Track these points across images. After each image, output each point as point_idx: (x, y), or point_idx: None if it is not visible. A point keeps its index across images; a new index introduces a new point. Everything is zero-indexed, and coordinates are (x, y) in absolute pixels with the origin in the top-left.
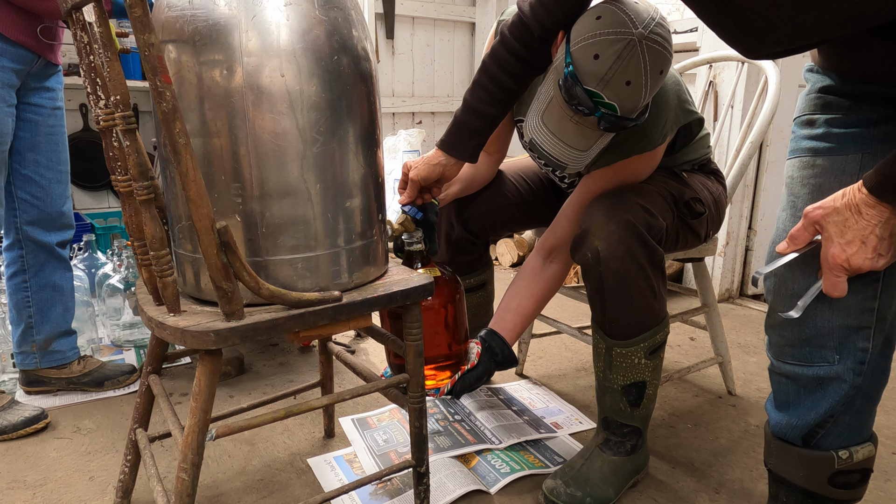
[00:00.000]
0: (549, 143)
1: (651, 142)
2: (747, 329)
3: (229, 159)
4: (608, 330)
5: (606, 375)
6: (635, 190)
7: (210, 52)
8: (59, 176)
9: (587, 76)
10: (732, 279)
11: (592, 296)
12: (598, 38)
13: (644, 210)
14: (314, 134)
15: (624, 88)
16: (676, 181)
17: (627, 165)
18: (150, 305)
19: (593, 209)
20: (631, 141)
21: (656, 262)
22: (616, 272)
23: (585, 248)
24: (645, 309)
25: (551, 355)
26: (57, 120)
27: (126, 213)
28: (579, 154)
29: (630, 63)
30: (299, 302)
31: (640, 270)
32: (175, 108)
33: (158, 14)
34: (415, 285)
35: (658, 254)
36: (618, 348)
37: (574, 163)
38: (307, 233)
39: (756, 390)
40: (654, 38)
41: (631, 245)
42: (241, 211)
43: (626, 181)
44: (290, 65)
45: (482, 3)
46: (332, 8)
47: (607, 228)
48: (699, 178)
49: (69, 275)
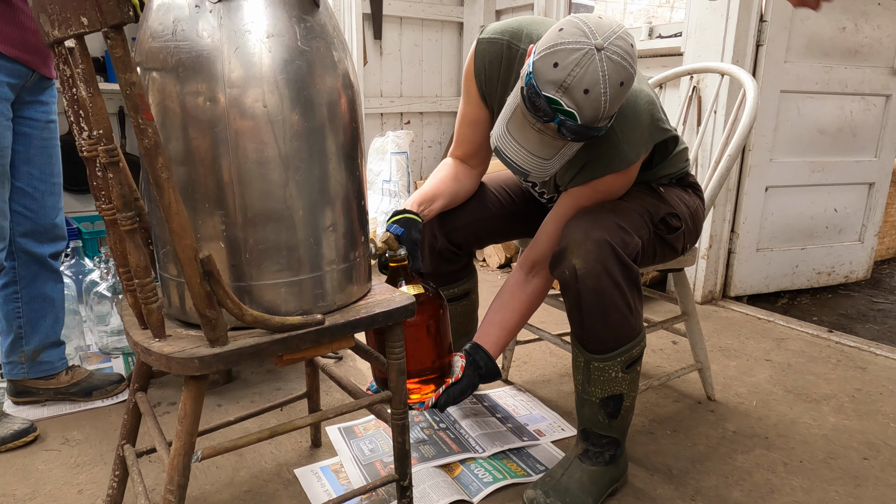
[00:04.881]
0: (513, 151)
1: (624, 160)
2: (729, 332)
3: (213, 187)
4: (586, 344)
5: (585, 388)
6: (612, 208)
7: (193, 83)
8: (52, 188)
9: (546, 84)
10: (716, 281)
11: (571, 311)
12: (558, 48)
13: (620, 229)
14: (296, 161)
15: (582, 96)
16: (653, 197)
17: (602, 183)
18: (136, 329)
19: (571, 227)
20: (605, 159)
21: (632, 279)
22: (593, 289)
23: (563, 266)
24: (621, 324)
25: (536, 360)
26: (51, 133)
27: (111, 240)
28: (542, 162)
29: (588, 71)
30: (282, 326)
31: (617, 287)
32: (157, 144)
33: (142, 44)
34: (397, 306)
35: (633, 271)
36: (596, 362)
37: (537, 171)
38: (290, 258)
39: (735, 395)
40: (614, 49)
41: (607, 263)
42: (225, 237)
43: (602, 198)
44: (273, 95)
45: (470, 2)
46: (314, 38)
47: (584, 247)
48: (676, 193)
49: (60, 286)
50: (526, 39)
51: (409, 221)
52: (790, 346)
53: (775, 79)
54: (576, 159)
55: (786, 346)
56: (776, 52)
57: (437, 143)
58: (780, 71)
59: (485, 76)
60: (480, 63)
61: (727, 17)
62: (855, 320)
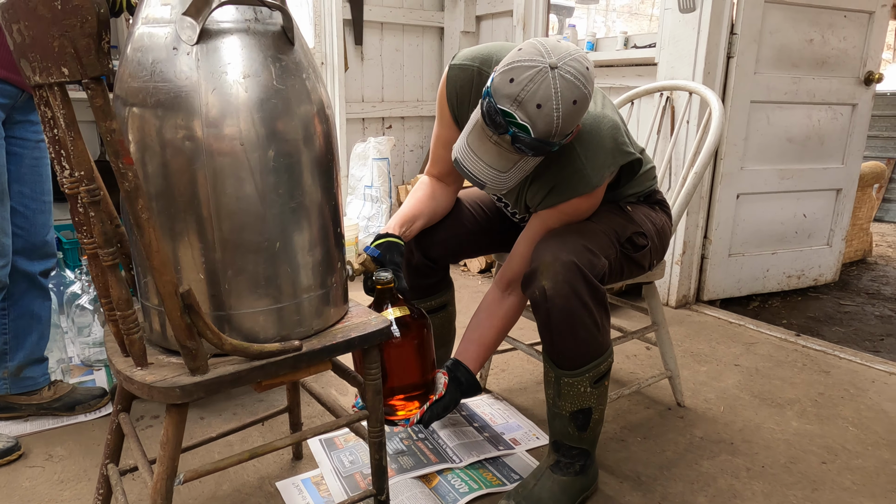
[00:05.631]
0: (471, 162)
1: (589, 184)
2: (700, 337)
3: (192, 221)
4: (556, 361)
5: (556, 402)
6: (579, 230)
7: (172, 122)
8: (43, 206)
9: (502, 98)
10: (690, 286)
11: (541, 329)
12: (515, 65)
13: (587, 250)
14: (273, 195)
15: (535, 111)
16: (620, 216)
17: (569, 206)
18: (118, 356)
19: (541, 249)
20: (570, 183)
21: (599, 298)
22: (562, 308)
23: (534, 286)
24: (589, 342)
25: (513, 368)
26: (41, 152)
27: (92, 271)
28: (498, 174)
29: (541, 87)
30: (260, 354)
31: (584, 307)
32: (138, 187)
33: (122, 81)
34: (372, 330)
35: (600, 291)
36: (565, 377)
37: (493, 182)
38: (269, 287)
39: (703, 401)
40: (567, 69)
41: (575, 284)
42: (204, 269)
43: (569, 220)
44: (249, 133)
45: (450, 8)
46: (289, 75)
47: (553, 269)
48: (643, 211)
49: (48, 304)
50: (496, 65)
51: (390, 245)
52: (759, 351)
53: (746, 89)
54: (543, 183)
55: (755, 351)
56: (746, 63)
57: (418, 147)
58: (750, 82)
59: (456, 100)
60: (452, 88)
61: (699, 30)
62: (822, 323)
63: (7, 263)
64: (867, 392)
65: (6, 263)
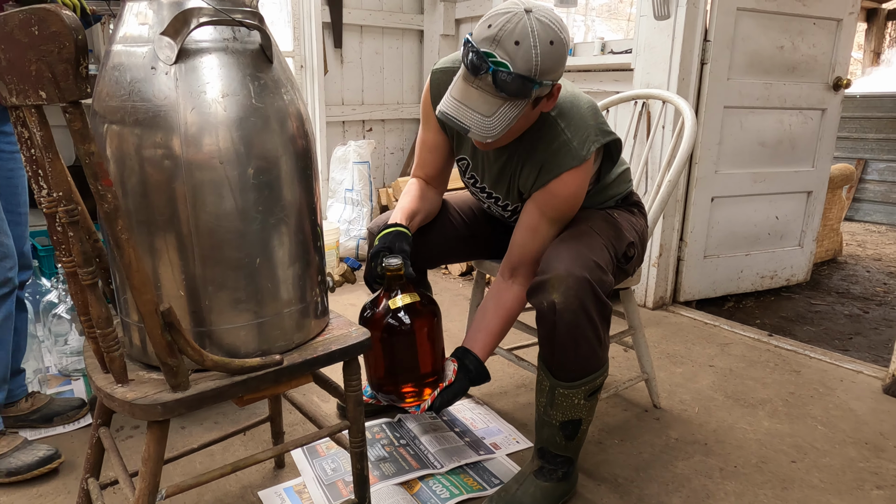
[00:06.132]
0: (454, 109)
1: (576, 156)
2: (677, 338)
3: (172, 239)
4: (554, 371)
5: (547, 411)
6: (589, 245)
7: (151, 141)
8: (19, 218)
9: (481, 41)
10: (666, 288)
11: (544, 339)
12: (491, 14)
13: (598, 267)
14: (253, 212)
15: (514, 47)
16: (614, 229)
17: (560, 184)
18: (98, 373)
19: (553, 261)
20: (558, 157)
21: (605, 315)
22: (569, 323)
23: (542, 297)
24: (590, 356)
25: (494, 372)
26: (16, 163)
27: (71, 289)
28: (482, 119)
29: (517, 27)
30: (242, 369)
31: (590, 322)
32: (117, 208)
33: (100, 98)
34: (353, 342)
35: (608, 308)
36: (561, 388)
37: (478, 128)
38: (250, 302)
39: (679, 402)
40: (541, 13)
41: (585, 300)
42: (185, 286)
43: (563, 202)
44: (228, 152)
45: (430, 11)
46: (268, 93)
47: (566, 283)
48: (627, 218)
49: (24, 315)
50: None
51: (398, 234)
52: (733, 351)
53: (719, 95)
54: (534, 164)
55: (729, 352)
56: (719, 69)
57: (399, 150)
58: (723, 87)
59: (439, 100)
60: (436, 90)
61: (673, 37)
62: (794, 322)
63: (14, 265)
64: (835, 391)
65: (13, 265)
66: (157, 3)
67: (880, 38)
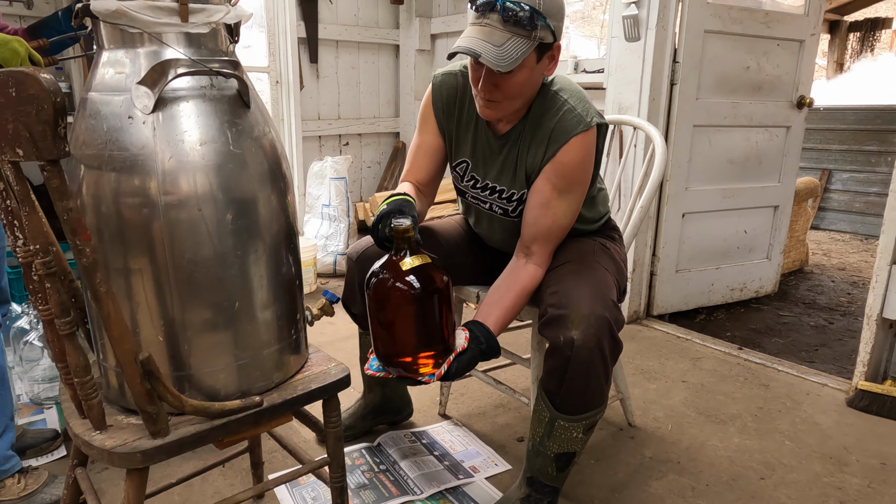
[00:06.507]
0: (466, 41)
1: (582, 121)
2: (651, 353)
3: (151, 286)
4: (557, 404)
5: (543, 441)
6: (604, 282)
7: (128, 190)
8: None
9: None
10: (640, 302)
11: (553, 372)
12: None
13: (615, 306)
14: (232, 257)
15: None
16: (615, 264)
17: (570, 150)
18: (76, 419)
19: (573, 297)
20: (566, 123)
21: (616, 353)
22: (583, 360)
23: (560, 332)
24: (596, 392)
25: (472, 392)
26: None
27: (48, 334)
28: (493, 47)
29: None
30: (222, 412)
31: (603, 361)
32: (95, 262)
33: (77, 146)
34: (333, 380)
35: (620, 347)
36: (562, 421)
37: (488, 52)
38: (229, 345)
39: (653, 420)
40: None
41: (602, 339)
42: (164, 331)
43: (573, 170)
44: (207, 200)
45: (406, 26)
46: (246, 138)
47: (587, 321)
48: (616, 249)
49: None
50: None
51: (405, 201)
52: (705, 366)
53: (688, 114)
54: (541, 135)
55: (701, 366)
56: (688, 90)
57: (376, 164)
58: (692, 107)
59: (442, 103)
60: (438, 94)
61: (644, 58)
62: (763, 334)
63: None
64: (802, 405)
65: None
66: (133, 52)
67: (843, 49)
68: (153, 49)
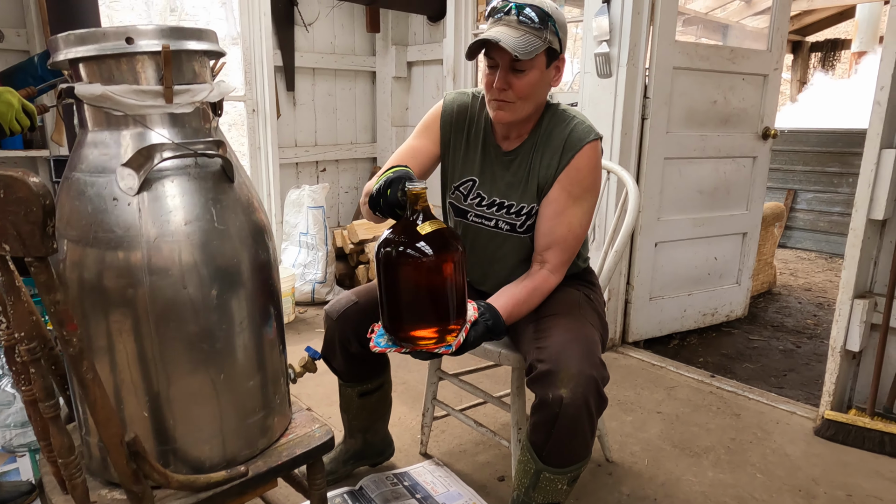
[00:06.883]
0: (486, 34)
1: (591, 130)
2: (627, 382)
3: (136, 364)
4: (544, 457)
5: (528, 493)
6: (592, 340)
7: (114, 271)
8: None
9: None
10: (615, 330)
11: (540, 426)
12: None
13: (601, 364)
14: (217, 332)
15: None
16: (598, 318)
17: (584, 157)
18: (57, 494)
19: (563, 356)
20: (577, 132)
21: (602, 409)
22: (571, 417)
23: (549, 390)
24: (582, 447)
25: (453, 430)
26: None
27: (29, 412)
28: (512, 38)
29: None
30: (207, 485)
31: (590, 417)
32: (81, 350)
33: (61, 227)
34: (316, 444)
35: (606, 403)
36: (547, 473)
37: (509, 41)
38: (214, 417)
39: (630, 455)
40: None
41: (589, 396)
42: (149, 407)
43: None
44: (192, 277)
45: (382, 54)
46: (230, 213)
47: (576, 380)
48: (597, 299)
49: None
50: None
51: (408, 171)
52: (679, 395)
53: (659, 147)
54: (553, 147)
55: (675, 395)
56: (659, 124)
57: (353, 189)
58: (663, 140)
59: (452, 117)
60: (450, 106)
61: (615, 94)
62: (734, 360)
63: None
64: (772, 435)
65: None
66: (117, 133)
67: (805, 68)
68: (137, 131)
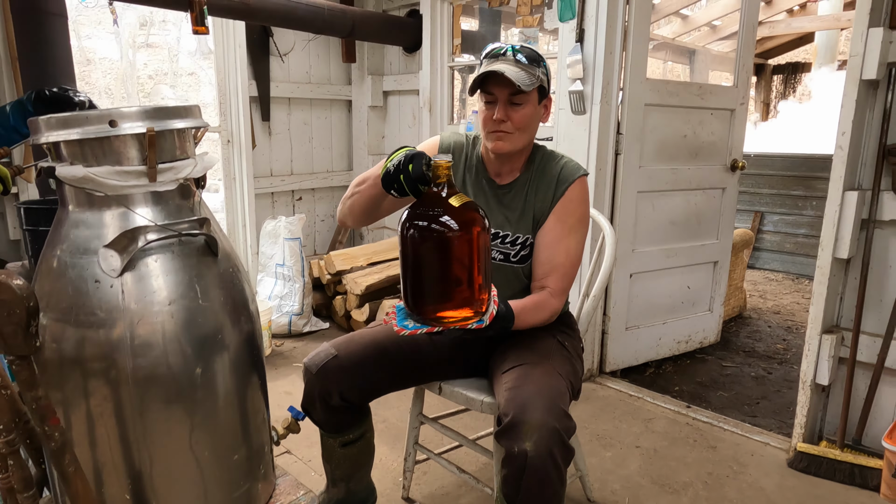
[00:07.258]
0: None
1: (579, 168)
2: (605, 415)
3: (117, 446)
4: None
5: None
6: (558, 390)
7: (96, 355)
8: None
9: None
10: (593, 360)
11: (509, 479)
12: None
13: (565, 415)
14: (201, 410)
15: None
16: (570, 366)
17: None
18: None
19: (528, 407)
20: (568, 168)
21: (568, 459)
22: (537, 469)
23: (514, 443)
24: (553, 497)
25: (435, 472)
26: None
27: (5, 499)
28: (510, 68)
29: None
30: None
31: (556, 468)
32: (64, 444)
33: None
34: None
35: (572, 453)
36: None
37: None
38: (198, 495)
39: (610, 493)
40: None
41: (553, 448)
42: (130, 490)
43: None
44: (177, 358)
45: (358, 83)
46: (214, 289)
47: (539, 433)
48: (574, 345)
49: None
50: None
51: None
52: (656, 427)
53: (632, 181)
54: (547, 181)
55: (653, 428)
56: (632, 159)
57: (329, 217)
58: (636, 174)
59: (449, 149)
60: (447, 140)
61: (589, 131)
62: (708, 388)
63: None
64: (748, 468)
65: None
66: (99, 213)
67: (768, 91)
68: (120, 211)
